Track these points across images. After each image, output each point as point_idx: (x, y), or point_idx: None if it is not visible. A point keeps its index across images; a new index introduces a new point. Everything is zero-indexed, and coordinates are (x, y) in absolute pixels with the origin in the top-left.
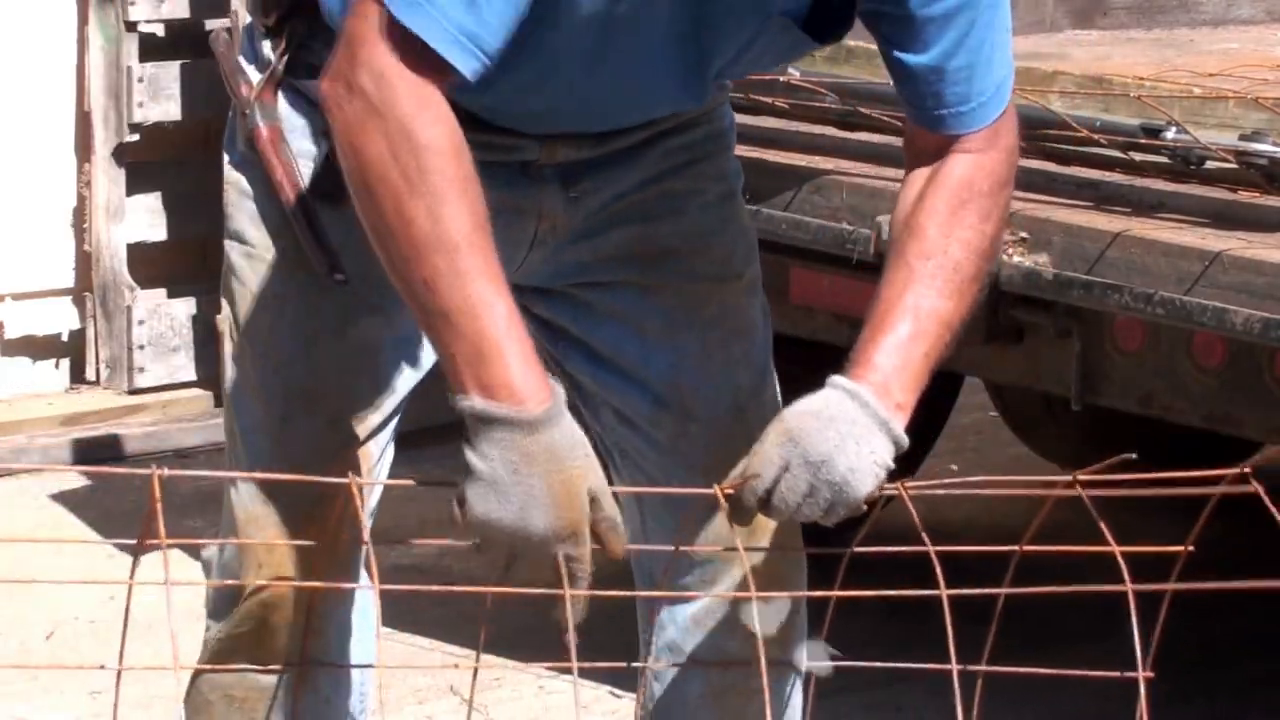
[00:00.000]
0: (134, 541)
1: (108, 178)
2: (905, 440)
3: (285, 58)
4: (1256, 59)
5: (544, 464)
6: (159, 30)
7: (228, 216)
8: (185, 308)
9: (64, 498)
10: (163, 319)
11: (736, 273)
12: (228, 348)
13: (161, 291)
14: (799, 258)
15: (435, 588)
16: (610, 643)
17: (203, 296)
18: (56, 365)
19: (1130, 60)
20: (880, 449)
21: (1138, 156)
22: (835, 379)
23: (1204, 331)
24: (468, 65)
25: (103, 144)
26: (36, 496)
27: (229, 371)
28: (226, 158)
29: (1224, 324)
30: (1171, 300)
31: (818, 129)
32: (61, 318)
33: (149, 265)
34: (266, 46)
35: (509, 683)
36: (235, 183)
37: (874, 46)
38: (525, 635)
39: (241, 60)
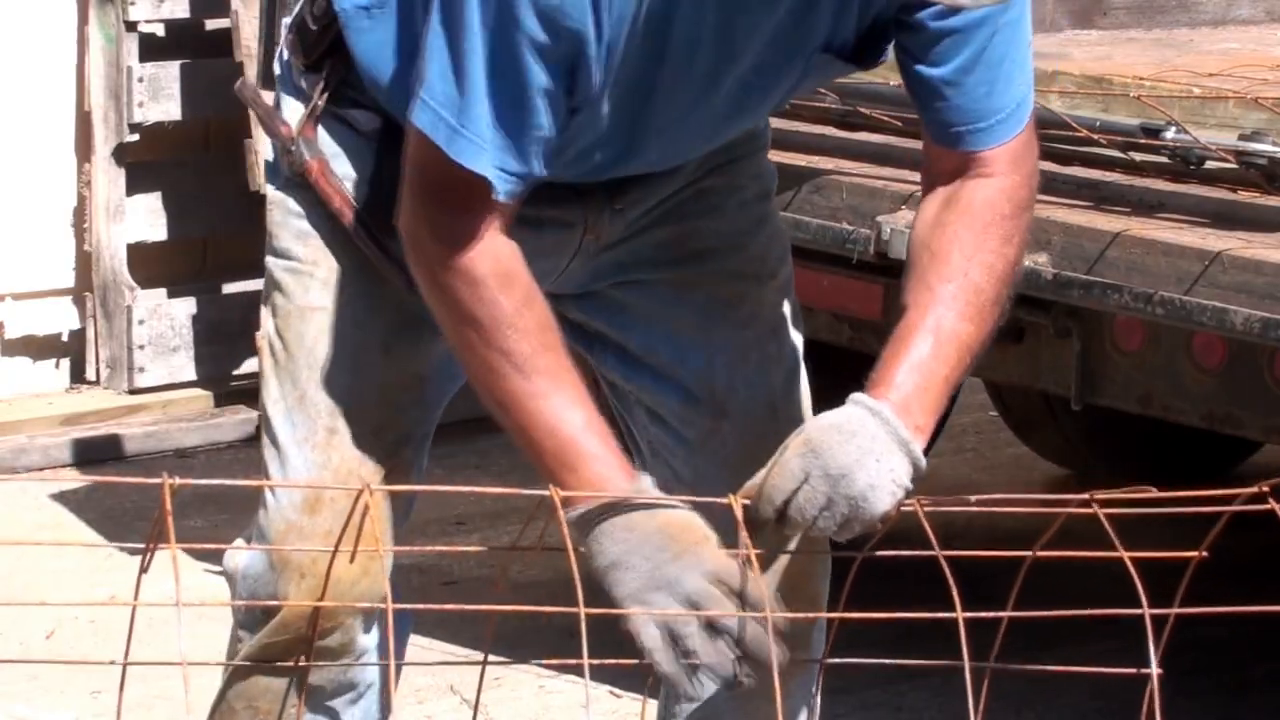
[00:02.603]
0: (133, 545)
1: (108, 178)
2: (924, 463)
3: (325, 94)
4: (1256, 59)
5: (645, 521)
6: (159, 30)
7: (271, 235)
8: (185, 308)
9: (64, 497)
10: (163, 319)
11: (771, 272)
12: (268, 363)
13: (161, 291)
14: (799, 258)
15: (450, 606)
16: (612, 641)
17: (203, 296)
18: (56, 365)
19: (1130, 60)
20: (899, 468)
21: (1138, 156)
22: (857, 396)
23: (1204, 331)
24: (504, 189)
25: (103, 144)
26: (36, 496)
27: (271, 386)
28: (270, 187)
29: (1224, 324)
30: (1171, 300)
31: (818, 129)
32: (61, 318)
33: (149, 265)
34: (305, 82)
35: (509, 683)
36: (280, 202)
37: None
38: (525, 635)
39: (283, 94)
